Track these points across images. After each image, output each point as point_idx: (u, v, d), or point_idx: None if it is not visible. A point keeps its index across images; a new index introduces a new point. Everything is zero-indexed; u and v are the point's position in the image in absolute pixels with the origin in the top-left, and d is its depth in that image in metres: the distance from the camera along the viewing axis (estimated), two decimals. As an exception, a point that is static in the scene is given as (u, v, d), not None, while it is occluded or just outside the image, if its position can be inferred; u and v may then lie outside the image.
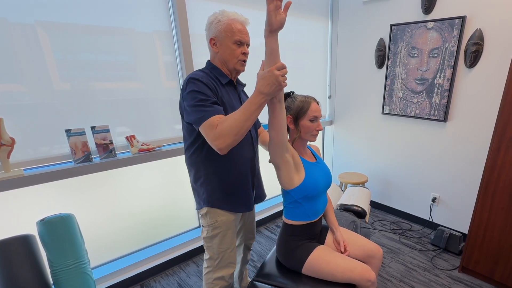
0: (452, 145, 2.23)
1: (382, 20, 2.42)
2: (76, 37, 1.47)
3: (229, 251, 1.30)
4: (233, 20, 1.16)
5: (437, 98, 2.20)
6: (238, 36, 1.16)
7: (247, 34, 1.21)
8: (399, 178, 2.64)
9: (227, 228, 1.28)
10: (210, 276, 1.33)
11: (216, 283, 1.32)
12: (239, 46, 1.19)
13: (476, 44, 1.93)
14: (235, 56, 1.19)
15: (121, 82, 1.67)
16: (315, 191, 1.24)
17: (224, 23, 1.15)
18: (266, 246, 2.34)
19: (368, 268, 1.20)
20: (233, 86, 1.27)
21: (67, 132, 1.45)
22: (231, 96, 1.23)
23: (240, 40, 1.17)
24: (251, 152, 1.29)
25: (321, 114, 1.23)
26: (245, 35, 1.19)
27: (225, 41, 1.17)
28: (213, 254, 1.30)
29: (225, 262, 1.31)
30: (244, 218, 1.50)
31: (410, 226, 2.58)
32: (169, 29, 1.78)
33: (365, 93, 2.71)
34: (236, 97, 1.26)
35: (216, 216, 1.25)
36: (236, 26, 1.16)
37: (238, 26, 1.16)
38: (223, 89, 1.19)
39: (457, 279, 1.91)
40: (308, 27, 2.64)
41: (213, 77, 1.18)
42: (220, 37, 1.17)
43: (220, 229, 1.26)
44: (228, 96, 1.21)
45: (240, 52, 1.19)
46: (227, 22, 1.15)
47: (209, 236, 1.27)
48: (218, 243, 1.28)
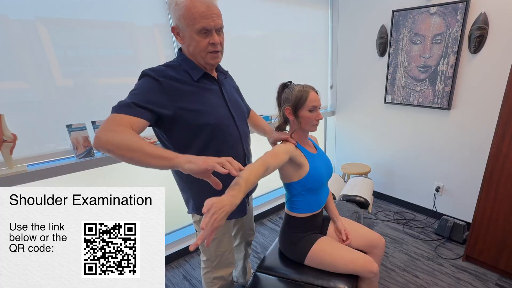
0: (456, 133, 2.21)
1: (384, 6, 2.36)
2: (77, 33, 1.47)
3: (227, 253, 1.26)
4: (192, 0, 0.89)
5: (441, 86, 2.16)
6: (201, 24, 0.90)
7: (216, 15, 0.92)
8: (402, 168, 2.63)
9: (224, 233, 1.22)
10: (209, 276, 1.30)
11: (216, 282, 1.30)
12: (206, 36, 0.93)
13: (481, 29, 1.88)
14: (201, 49, 0.95)
15: (122, 77, 1.67)
16: (319, 183, 1.25)
17: (183, 6, 0.89)
18: (269, 238, 2.36)
19: (371, 260, 1.20)
20: (211, 78, 1.08)
21: (68, 127, 1.46)
22: (210, 92, 1.05)
23: (205, 27, 0.91)
24: (242, 151, 1.15)
25: (320, 103, 1.19)
26: (210, 19, 0.91)
27: (187, 31, 0.93)
28: (210, 257, 1.24)
29: (223, 264, 1.27)
30: (242, 218, 1.46)
31: (413, 216, 2.57)
32: (167, 22, 1.76)
33: (367, 82, 2.67)
34: (216, 90, 1.09)
35: None
36: (198, 9, 0.88)
37: (201, 9, 0.89)
38: (194, 87, 1.00)
39: (461, 268, 1.92)
40: (307, 16, 2.59)
41: (182, 72, 0.99)
42: (181, 26, 0.93)
43: (217, 234, 1.18)
44: (204, 93, 1.02)
45: (207, 43, 0.94)
46: (185, 5, 0.89)
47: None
48: (215, 247, 1.22)
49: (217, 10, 0.94)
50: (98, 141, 0.79)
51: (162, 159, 0.79)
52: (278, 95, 1.26)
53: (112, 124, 0.82)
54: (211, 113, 1.02)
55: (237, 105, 1.18)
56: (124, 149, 0.78)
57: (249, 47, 2.23)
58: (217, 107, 1.06)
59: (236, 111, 1.15)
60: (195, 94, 1.00)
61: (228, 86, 1.17)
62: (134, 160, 0.80)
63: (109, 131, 0.80)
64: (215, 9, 0.93)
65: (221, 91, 1.10)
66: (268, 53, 2.39)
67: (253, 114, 1.38)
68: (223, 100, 1.10)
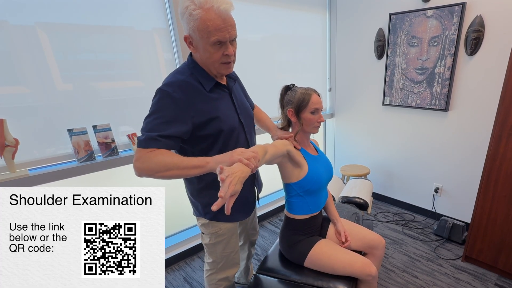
0: (453, 134, 2.22)
1: (381, 10, 2.39)
2: (77, 38, 1.48)
3: (233, 254, 1.27)
4: (208, 12, 0.87)
5: (438, 88, 2.18)
6: (216, 36, 0.90)
7: (231, 26, 0.92)
8: (401, 169, 2.64)
9: (232, 234, 1.23)
10: (213, 277, 1.29)
11: (221, 283, 1.30)
12: (220, 47, 0.93)
13: (477, 31, 1.90)
14: (214, 60, 0.96)
15: (122, 81, 1.69)
16: (318, 185, 1.25)
17: (198, 17, 0.88)
18: (269, 240, 2.36)
19: (369, 262, 1.20)
20: (222, 86, 1.09)
21: (69, 131, 1.47)
22: (220, 100, 1.06)
23: (220, 40, 0.91)
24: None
25: (322, 106, 1.22)
26: (225, 32, 0.90)
27: (201, 43, 0.93)
28: (216, 258, 1.25)
29: (229, 264, 1.28)
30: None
31: (413, 217, 2.58)
32: (167, 26, 1.78)
33: (366, 85, 2.69)
34: (227, 97, 1.10)
35: (219, 224, 1.18)
36: (213, 22, 0.87)
37: (216, 22, 0.88)
38: (206, 96, 1.01)
39: (460, 268, 1.92)
40: (306, 20, 2.62)
41: (195, 82, 0.99)
42: (194, 36, 0.93)
43: (224, 236, 1.20)
44: (215, 102, 1.04)
45: (221, 55, 0.95)
46: (200, 17, 0.87)
47: (212, 243, 1.21)
48: (222, 248, 1.23)
49: (232, 21, 0.92)
50: (137, 171, 0.89)
51: (197, 168, 0.89)
52: (281, 97, 1.28)
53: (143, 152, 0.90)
54: (223, 120, 1.04)
55: (246, 111, 1.19)
56: (162, 171, 0.88)
57: (248, 50, 2.25)
58: (228, 116, 1.08)
59: (245, 118, 1.16)
60: (207, 103, 1.01)
61: (237, 91, 1.18)
62: (175, 176, 0.91)
63: (142, 158, 0.89)
64: (231, 21, 0.92)
65: (231, 98, 1.12)
66: (268, 57, 2.41)
67: (258, 110, 1.40)
68: (233, 107, 1.12)
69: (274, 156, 1.05)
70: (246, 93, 1.34)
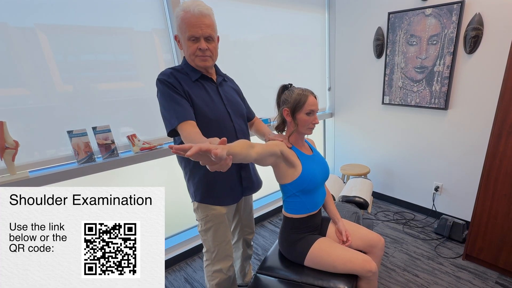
0: (453, 133, 2.22)
1: (380, 9, 2.39)
2: (76, 39, 1.49)
3: (224, 244, 1.33)
4: (185, 13, 1.06)
5: (437, 86, 2.18)
6: (190, 32, 1.07)
7: (205, 25, 1.08)
8: (401, 168, 2.64)
9: (219, 222, 1.29)
10: (209, 269, 1.36)
11: (215, 275, 1.36)
12: (195, 42, 1.10)
13: (476, 29, 1.90)
14: (191, 53, 1.12)
15: (122, 82, 1.69)
16: (313, 184, 1.25)
17: (179, 18, 1.07)
18: (270, 240, 2.36)
19: (369, 259, 1.20)
20: (209, 79, 1.22)
21: (69, 133, 1.47)
22: (207, 91, 1.19)
23: (194, 35, 1.08)
24: None
25: (318, 108, 1.22)
26: (198, 28, 1.07)
27: (182, 38, 1.11)
28: (209, 247, 1.33)
29: (221, 255, 1.34)
30: (240, 213, 1.50)
31: (413, 216, 2.57)
32: (166, 27, 1.78)
33: (365, 84, 2.69)
34: (213, 89, 1.22)
35: (207, 210, 1.26)
36: (189, 20, 1.06)
37: (191, 20, 1.06)
38: (193, 85, 1.15)
39: (461, 266, 1.92)
40: (305, 19, 2.62)
41: (183, 74, 1.15)
42: (179, 35, 1.12)
43: (212, 222, 1.28)
44: (201, 91, 1.17)
45: (195, 48, 1.10)
46: (181, 17, 1.07)
47: (203, 229, 1.30)
48: (212, 236, 1.30)
49: (207, 21, 1.09)
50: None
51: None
52: (278, 96, 1.28)
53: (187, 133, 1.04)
54: (208, 107, 1.16)
55: (234, 103, 1.27)
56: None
57: (247, 50, 2.25)
58: (213, 103, 1.19)
59: (232, 108, 1.25)
60: (196, 88, 1.15)
61: (226, 87, 1.29)
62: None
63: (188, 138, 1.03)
64: (205, 20, 1.08)
65: (217, 90, 1.23)
66: (267, 56, 2.41)
67: (258, 121, 1.47)
68: (220, 98, 1.22)
69: (264, 152, 1.05)
70: (243, 98, 1.41)
